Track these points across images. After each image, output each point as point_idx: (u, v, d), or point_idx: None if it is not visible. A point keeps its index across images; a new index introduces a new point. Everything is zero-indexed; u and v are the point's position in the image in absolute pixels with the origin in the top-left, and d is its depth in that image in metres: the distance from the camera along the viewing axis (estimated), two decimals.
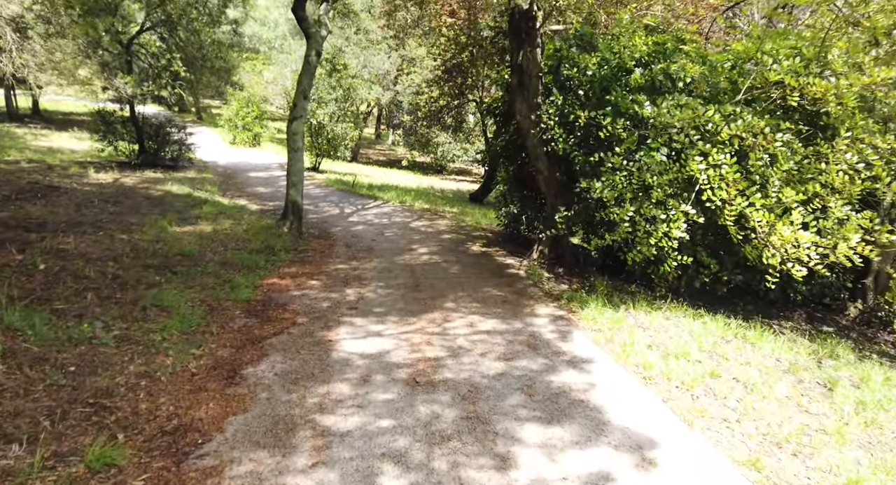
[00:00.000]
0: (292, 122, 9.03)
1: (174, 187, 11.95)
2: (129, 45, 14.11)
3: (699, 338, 4.76)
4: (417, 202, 13.41)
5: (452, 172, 26.64)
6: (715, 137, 5.28)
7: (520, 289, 6.32)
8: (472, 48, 13.67)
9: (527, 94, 6.88)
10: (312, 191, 14.30)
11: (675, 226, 5.24)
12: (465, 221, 11.41)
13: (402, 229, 10.04)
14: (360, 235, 9.29)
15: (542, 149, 7.09)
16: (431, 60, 16.07)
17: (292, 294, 5.72)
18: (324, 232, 9.61)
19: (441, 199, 15.53)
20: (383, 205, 12.89)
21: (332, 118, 16.68)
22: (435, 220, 11.30)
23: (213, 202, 10.83)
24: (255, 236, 8.15)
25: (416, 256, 7.86)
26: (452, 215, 12.22)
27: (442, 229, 10.21)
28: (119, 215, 8.42)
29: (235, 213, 9.98)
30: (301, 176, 9.10)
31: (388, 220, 11.05)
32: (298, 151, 9.05)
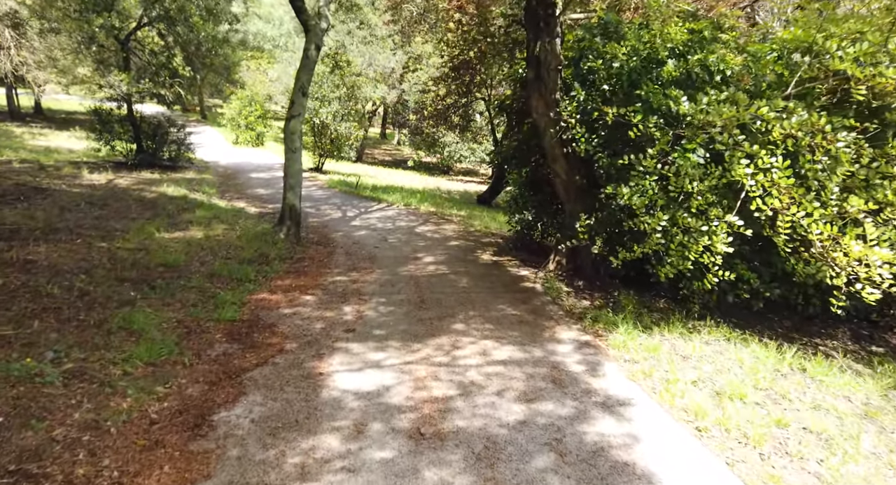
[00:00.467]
0: (290, 120, 8.38)
1: (170, 189, 11.36)
2: (126, 42, 13.54)
3: (751, 372, 4.05)
4: (423, 205, 12.74)
5: (459, 172, 25.95)
6: (764, 137, 4.57)
7: (537, 306, 5.62)
8: (481, 43, 12.97)
9: (544, 90, 6.18)
10: (314, 193, 13.67)
11: (718, 239, 4.53)
12: (473, 226, 10.72)
13: (406, 235, 9.37)
14: (362, 242, 8.63)
15: (560, 150, 6.39)
16: (438, 57, 15.37)
17: (283, 312, 5.06)
18: (324, 238, 8.97)
19: (448, 201, 14.84)
20: (387, 208, 12.23)
21: (336, 117, 16.04)
22: (441, 224, 10.62)
23: (208, 205, 10.22)
24: (248, 244, 7.52)
25: (422, 266, 7.18)
26: (460, 219, 11.53)
27: (449, 235, 9.53)
28: (104, 220, 7.81)
29: (231, 217, 9.36)
30: (299, 178, 8.46)
31: (393, 224, 10.38)
32: (296, 152, 8.41)
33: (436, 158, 24.10)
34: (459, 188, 20.31)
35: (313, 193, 13.65)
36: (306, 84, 8.51)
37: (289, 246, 7.82)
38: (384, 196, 13.32)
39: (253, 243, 7.55)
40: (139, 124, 14.50)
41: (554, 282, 6.43)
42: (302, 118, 8.55)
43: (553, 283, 6.39)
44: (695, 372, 4.00)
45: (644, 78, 5.36)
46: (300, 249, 7.86)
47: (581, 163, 6.39)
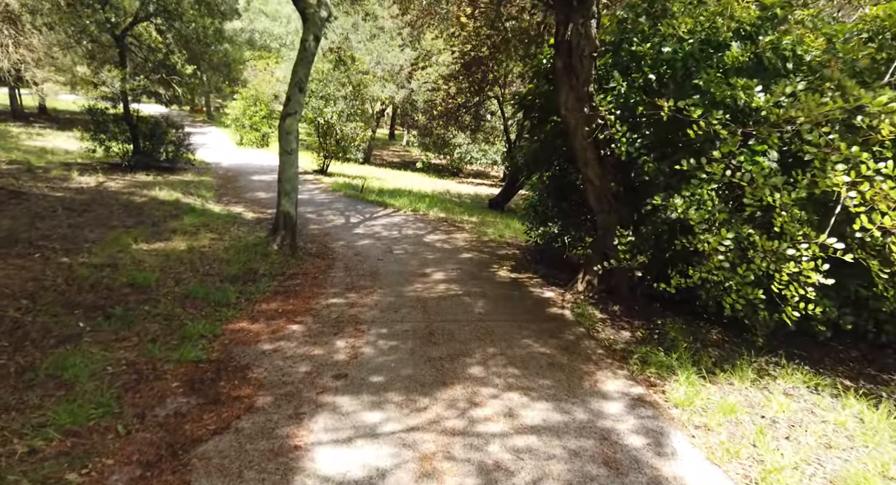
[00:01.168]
0: (285, 118, 7.46)
1: (162, 193, 10.51)
2: (122, 37, 12.74)
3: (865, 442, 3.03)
4: (432, 210, 11.77)
5: (469, 174, 24.97)
6: (870, 136, 3.55)
7: (570, 341, 4.62)
8: (493, 38, 11.98)
9: (576, 81, 5.18)
10: (317, 197, 12.76)
11: (807, 266, 3.51)
12: (486, 234, 9.73)
13: (414, 245, 8.40)
14: (365, 253, 7.68)
15: (593, 152, 5.39)
16: (449, 53, 14.43)
17: (262, 349, 4.11)
18: (323, 248, 8.03)
19: (458, 206, 13.87)
20: (394, 213, 11.28)
21: (341, 117, 15.13)
22: (452, 232, 9.65)
23: (200, 211, 9.34)
24: (236, 256, 6.60)
25: (431, 284, 6.21)
26: (472, 227, 10.55)
27: (461, 246, 8.55)
28: (77, 229, 6.94)
29: (223, 224, 8.46)
30: (295, 183, 7.53)
31: (399, 232, 9.43)
32: (292, 154, 7.48)
33: (445, 159, 23.14)
34: (470, 191, 19.33)
35: (316, 197, 12.75)
36: (304, 79, 7.59)
37: (282, 259, 6.89)
38: (391, 201, 12.37)
39: (241, 256, 6.63)
40: (136, 124, 13.71)
41: (585, 307, 5.42)
42: (299, 116, 7.63)
43: (584, 308, 5.38)
44: (791, 447, 2.98)
45: (703, 64, 4.35)
46: (295, 262, 6.93)
47: (617, 167, 5.39)
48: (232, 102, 20.99)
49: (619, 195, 5.50)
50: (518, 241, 9.74)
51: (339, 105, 15.04)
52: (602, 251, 5.62)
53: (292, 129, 7.45)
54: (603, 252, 5.62)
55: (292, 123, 7.45)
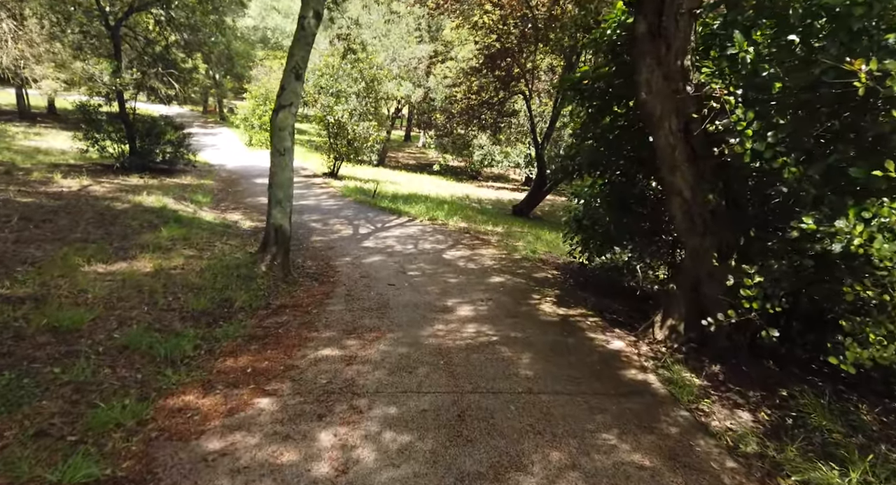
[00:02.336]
0: (278, 112, 6.03)
1: (150, 198, 9.19)
2: (117, 28, 11.50)
3: None
4: (452, 219, 10.26)
5: (488, 177, 23.40)
6: None
7: (674, 438, 3.03)
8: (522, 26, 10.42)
9: (665, 52, 3.62)
10: (324, 203, 11.35)
11: None
12: (517, 250, 8.18)
13: (432, 263, 6.90)
14: (373, 275, 6.20)
15: (684, 152, 3.82)
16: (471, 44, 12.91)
17: (204, 450, 2.64)
18: (324, 267, 6.59)
19: (479, 213, 12.34)
20: (409, 223, 9.79)
21: (353, 115, 13.72)
22: (477, 247, 8.11)
23: (188, 219, 7.98)
24: (212, 282, 5.17)
25: (455, 323, 4.69)
26: (498, 239, 9.00)
27: (488, 265, 7.01)
28: (23, 245, 5.58)
29: (209, 236, 7.07)
30: (289, 190, 6.08)
31: (415, 246, 7.93)
32: (286, 154, 6.04)
33: (463, 162, 21.62)
34: (491, 196, 17.77)
35: (323, 202, 11.34)
36: (301, 64, 6.14)
37: (269, 284, 5.45)
38: (405, 208, 10.89)
39: (218, 281, 5.20)
40: (132, 123, 12.49)
41: (673, 367, 3.84)
42: (295, 109, 6.18)
43: (674, 370, 3.80)
44: None
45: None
46: (285, 288, 5.48)
47: (718, 173, 3.81)
48: (240, 102, 19.76)
49: (718, 212, 3.92)
50: (553, 257, 8.17)
51: (351, 102, 13.63)
52: (691, 287, 4.04)
53: (286, 124, 6.01)
54: (693, 289, 4.05)
55: (286, 118, 6.01)
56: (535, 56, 12.35)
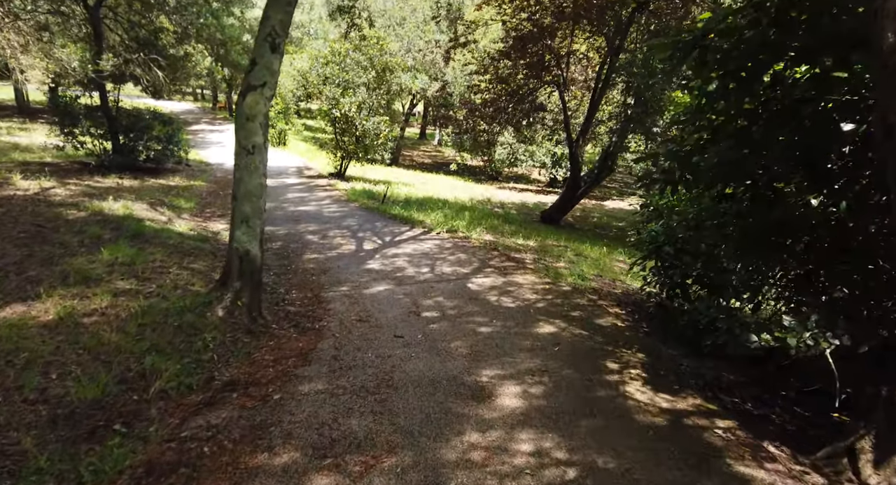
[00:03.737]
0: (245, 95, 4.30)
1: (116, 204, 7.59)
2: (97, 9, 9.93)
3: None
4: (475, 230, 8.46)
5: (508, 177, 21.51)
6: None
7: None
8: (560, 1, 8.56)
9: None
10: (326, 209, 9.64)
11: None
12: (560, 273, 6.34)
13: (454, 298, 5.12)
14: (375, 317, 4.46)
15: None
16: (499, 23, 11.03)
17: None
18: (310, 303, 4.88)
19: (506, 222, 10.52)
20: (424, 236, 8.02)
21: (362, 109, 11.98)
22: (510, 271, 6.30)
23: (151, 233, 6.34)
24: (137, 339, 3.48)
25: (499, 432, 2.90)
26: (534, 258, 7.19)
27: (530, 300, 5.19)
28: None
29: (165, 259, 5.41)
30: (259, 203, 4.34)
31: (431, 269, 6.16)
32: (255, 153, 4.31)
33: (483, 161, 19.77)
34: (514, 199, 15.91)
35: (324, 209, 9.63)
36: (279, 30, 4.40)
37: (224, 340, 3.74)
38: (420, 216, 9.12)
39: (147, 338, 3.51)
40: (116, 117, 10.94)
41: None
42: (271, 92, 4.43)
43: None
44: None
45: None
46: (247, 344, 3.76)
47: None
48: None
49: None
50: (607, 283, 6.33)
51: (360, 95, 11.89)
52: None
53: (256, 111, 4.28)
54: None
55: (256, 103, 4.27)
56: (571, 39, 10.45)
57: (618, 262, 8.31)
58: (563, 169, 18.23)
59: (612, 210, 16.32)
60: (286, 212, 9.19)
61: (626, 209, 17.09)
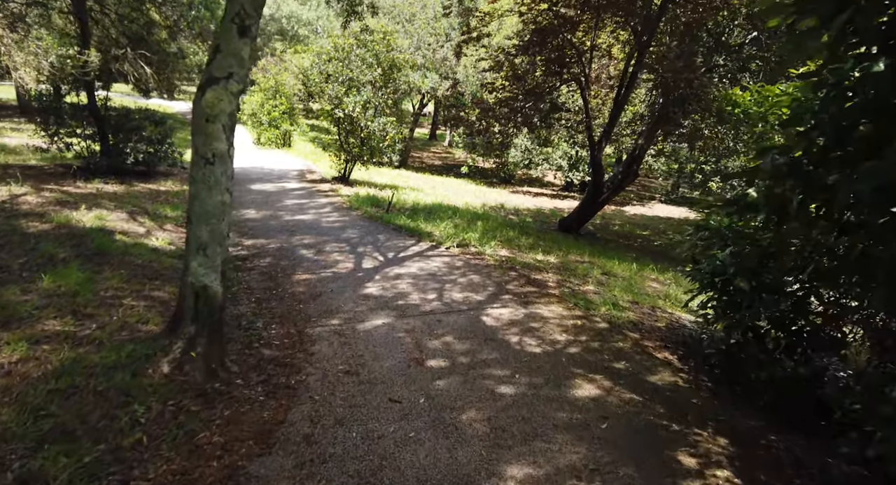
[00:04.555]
0: (205, 89, 3.35)
1: (90, 214, 6.74)
2: (82, 1, 9.11)
3: None
4: (489, 244, 7.46)
5: (521, 181, 20.43)
6: None
7: None
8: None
9: None
10: (325, 218, 8.71)
11: None
12: (590, 301, 5.31)
13: (467, 338, 4.13)
14: (367, 368, 3.48)
15: None
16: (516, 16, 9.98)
17: None
18: (290, 344, 3.94)
19: (522, 232, 9.50)
20: (432, 251, 7.05)
21: (367, 109, 11.04)
22: (532, 299, 5.28)
23: (116, 251, 5.46)
24: (46, 413, 2.55)
25: None
26: (558, 280, 6.17)
27: (559, 343, 4.18)
28: None
29: (121, 286, 4.50)
30: (220, 226, 3.38)
31: (439, 296, 5.18)
32: (217, 164, 3.35)
33: (495, 163, 18.72)
34: (528, 205, 14.85)
35: (323, 218, 8.69)
36: (250, 11, 3.45)
37: (164, 412, 2.79)
38: (428, 227, 8.15)
39: (60, 412, 2.58)
40: (105, 117, 10.14)
41: None
42: (238, 85, 3.47)
43: None
44: None
45: None
46: (193, 417, 2.81)
47: None
48: (248, 96, 17.39)
49: None
50: (646, 314, 5.29)
51: (364, 94, 10.94)
52: None
53: (218, 110, 3.33)
54: None
55: (219, 100, 3.32)
56: (594, 32, 9.39)
57: (651, 281, 7.25)
58: (579, 172, 17.15)
59: (633, 217, 15.21)
60: (281, 222, 8.27)
61: (647, 215, 15.94)
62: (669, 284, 7.22)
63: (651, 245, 11.29)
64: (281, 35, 22.63)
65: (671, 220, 15.23)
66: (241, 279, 5.62)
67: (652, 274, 7.77)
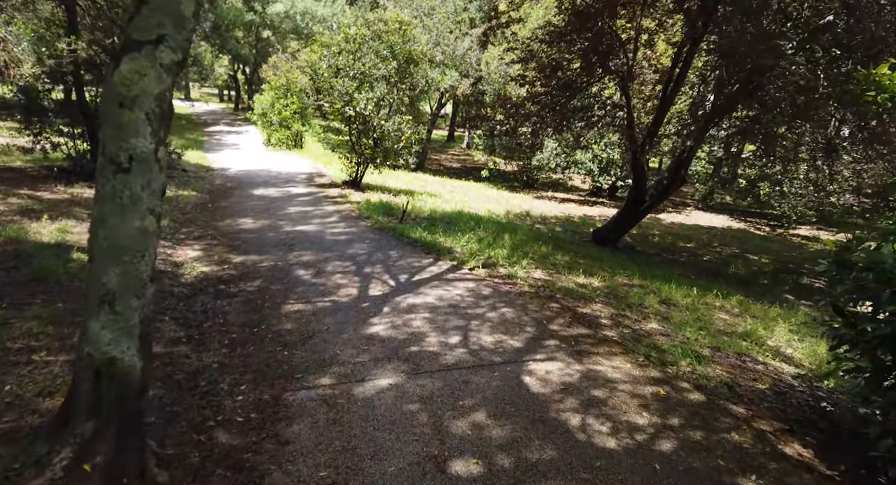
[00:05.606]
0: (120, 60, 2.14)
1: (52, 226, 5.71)
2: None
3: None
4: (520, 264, 6.18)
5: (545, 184, 19.04)
6: None
7: None
8: None
9: None
10: (331, 229, 7.53)
11: None
12: (664, 352, 3.99)
13: (505, 421, 2.86)
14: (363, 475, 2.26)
15: None
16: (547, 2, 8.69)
17: None
18: (257, 426, 2.72)
19: (556, 246, 8.20)
20: (452, 274, 5.79)
21: (381, 107, 9.88)
22: (586, 349, 3.97)
23: (63, 275, 4.37)
24: None
25: None
26: (611, 313, 4.85)
27: (642, 430, 2.87)
28: None
29: (41, 332, 3.37)
30: (139, 266, 2.15)
31: (463, 342, 3.92)
32: (134, 171, 2.15)
33: (517, 166, 17.41)
34: (556, 212, 13.50)
35: (329, 229, 7.52)
36: None
37: None
38: (447, 241, 6.92)
39: None
40: (95, 114, 9.17)
41: None
42: (175, 56, 2.25)
43: None
44: None
45: None
46: None
47: None
48: (258, 95, 16.42)
49: None
50: (738, 366, 3.94)
51: (378, 90, 9.77)
52: None
53: (139, 89, 2.12)
54: None
55: (141, 74, 2.11)
56: (641, 17, 8.03)
57: (717, 310, 5.87)
58: (610, 177, 15.70)
59: (671, 226, 13.72)
60: (280, 233, 7.14)
61: (686, 224, 14.41)
62: (740, 315, 5.85)
63: (700, 260, 9.86)
64: (296, 34, 21.74)
65: (713, 229, 13.70)
66: (218, 310, 4.47)
67: (715, 300, 6.39)
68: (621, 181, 15.58)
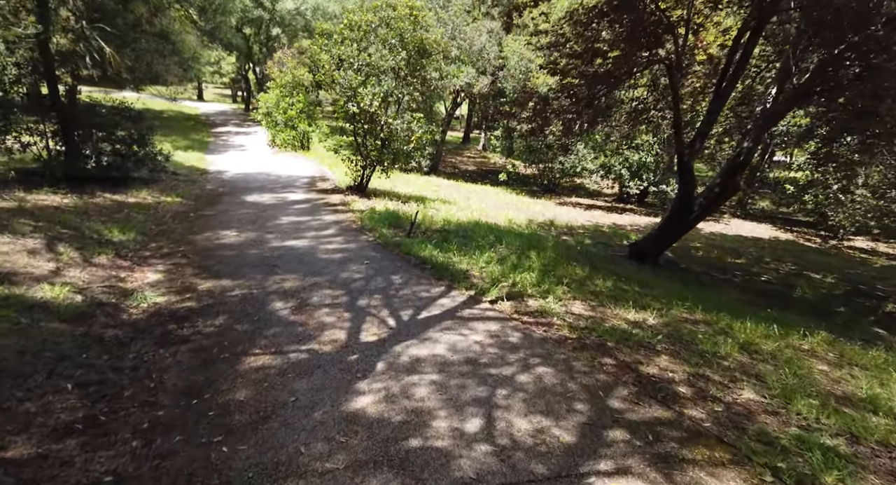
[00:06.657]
0: None
1: None
2: None
3: None
4: (553, 293, 4.85)
5: (567, 189, 17.58)
6: None
7: None
8: None
9: None
10: (325, 245, 6.29)
11: None
12: (792, 458, 2.63)
13: None
14: None
15: None
16: None
17: None
18: None
19: (592, 266, 6.83)
20: (470, 307, 4.48)
21: (388, 103, 8.65)
22: (670, 444, 2.62)
23: None
24: None
25: None
26: (687, 372, 3.49)
27: None
28: None
29: None
30: None
31: (489, 433, 2.61)
32: None
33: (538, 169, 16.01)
34: (583, 220, 12.07)
35: (323, 245, 6.28)
36: None
37: None
38: (463, 262, 5.63)
39: None
40: (72, 112, 8.18)
41: None
42: None
43: None
44: None
45: None
46: None
47: None
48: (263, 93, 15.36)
49: None
50: None
51: (385, 84, 8.54)
52: None
53: None
54: None
55: None
56: None
57: (812, 359, 4.45)
58: (642, 182, 14.17)
59: (711, 236, 12.17)
60: (264, 250, 5.94)
61: (728, 235, 12.84)
62: (839, 364, 4.42)
63: (757, 281, 8.38)
64: (307, 32, 20.73)
65: (760, 241, 12.12)
66: (155, 366, 3.28)
67: (802, 342, 4.95)
68: (654, 186, 14.08)
